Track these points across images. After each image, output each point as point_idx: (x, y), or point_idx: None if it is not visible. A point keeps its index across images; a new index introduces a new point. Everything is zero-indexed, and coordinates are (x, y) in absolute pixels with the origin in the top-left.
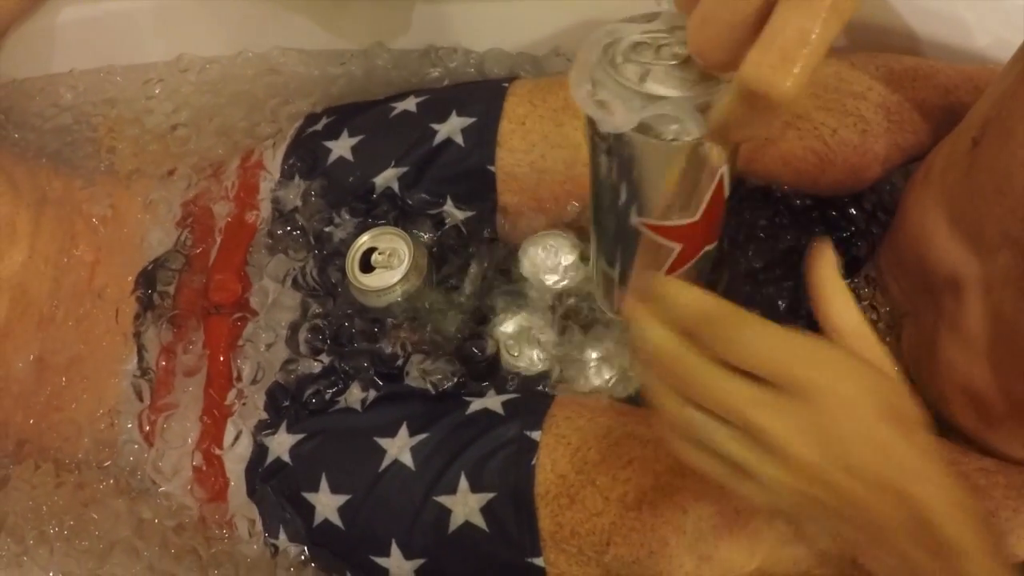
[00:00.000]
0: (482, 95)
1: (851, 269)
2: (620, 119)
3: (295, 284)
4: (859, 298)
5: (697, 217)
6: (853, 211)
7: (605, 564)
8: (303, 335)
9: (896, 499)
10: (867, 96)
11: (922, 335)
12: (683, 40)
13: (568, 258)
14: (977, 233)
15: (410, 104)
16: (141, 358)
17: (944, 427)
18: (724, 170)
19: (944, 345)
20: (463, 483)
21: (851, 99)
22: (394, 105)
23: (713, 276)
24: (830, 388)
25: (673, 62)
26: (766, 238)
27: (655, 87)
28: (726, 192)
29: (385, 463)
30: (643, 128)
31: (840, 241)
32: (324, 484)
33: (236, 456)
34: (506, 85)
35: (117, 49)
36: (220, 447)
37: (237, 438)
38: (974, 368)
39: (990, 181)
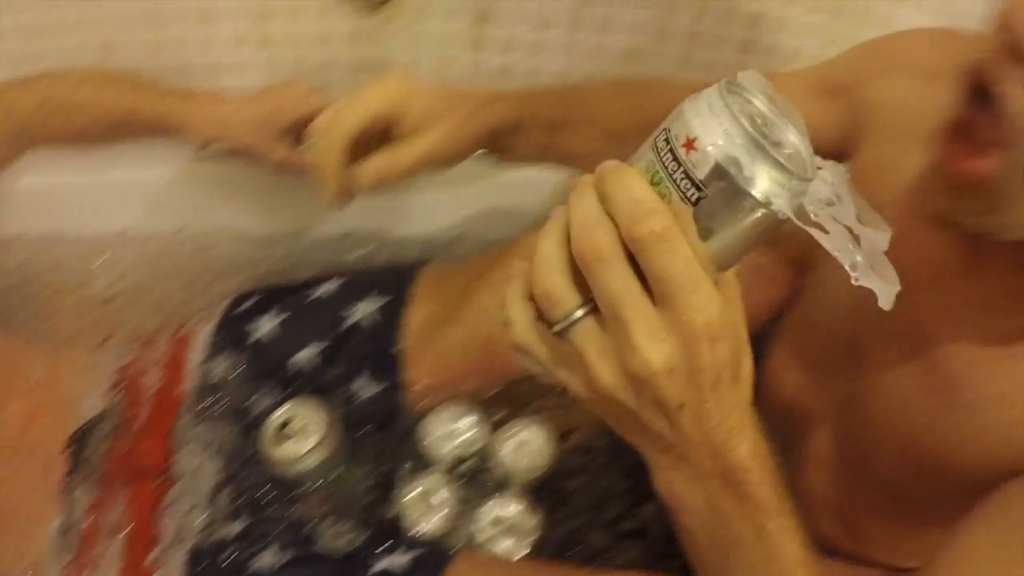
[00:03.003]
0: (393, 280)
1: None
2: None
3: (217, 452)
4: None
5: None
6: None
7: None
8: (222, 500)
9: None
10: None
11: (792, 468)
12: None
13: (465, 427)
14: (815, 364)
15: (330, 287)
16: (68, 514)
17: (828, 551)
18: None
19: (807, 473)
20: None
21: None
22: (315, 287)
23: None
24: (705, 333)
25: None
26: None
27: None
28: None
29: None
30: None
31: None
32: None
33: None
34: (415, 270)
35: (66, 218)
36: None
37: None
38: (830, 488)
39: (813, 312)
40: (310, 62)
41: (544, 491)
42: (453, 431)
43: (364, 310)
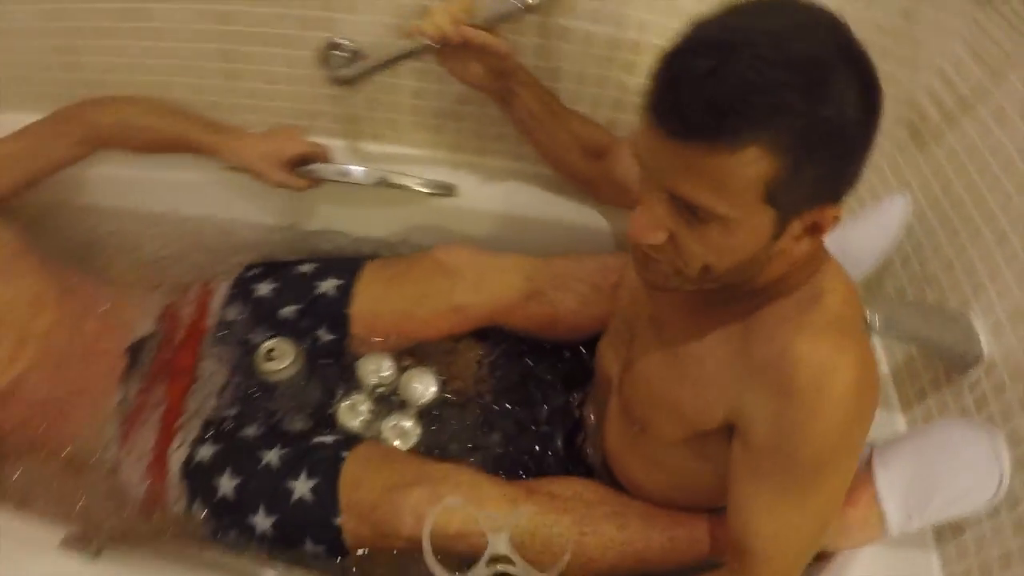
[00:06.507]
0: (349, 265)
1: (571, 385)
2: None
3: (226, 364)
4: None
5: None
6: (583, 349)
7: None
8: (227, 394)
9: None
10: (586, 279)
11: (599, 426)
12: None
13: (385, 366)
14: (614, 342)
15: (308, 267)
16: (124, 394)
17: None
18: None
19: (605, 427)
20: (303, 473)
21: (574, 281)
22: (299, 266)
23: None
24: None
25: None
26: (512, 363)
27: None
28: None
29: (263, 463)
30: None
31: (565, 361)
32: (227, 473)
33: (176, 457)
34: (365, 261)
35: (126, 199)
36: (167, 451)
37: (179, 446)
38: (616, 439)
39: (618, 305)
40: (304, 113)
41: (427, 414)
42: (376, 369)
43: (328, 286)
